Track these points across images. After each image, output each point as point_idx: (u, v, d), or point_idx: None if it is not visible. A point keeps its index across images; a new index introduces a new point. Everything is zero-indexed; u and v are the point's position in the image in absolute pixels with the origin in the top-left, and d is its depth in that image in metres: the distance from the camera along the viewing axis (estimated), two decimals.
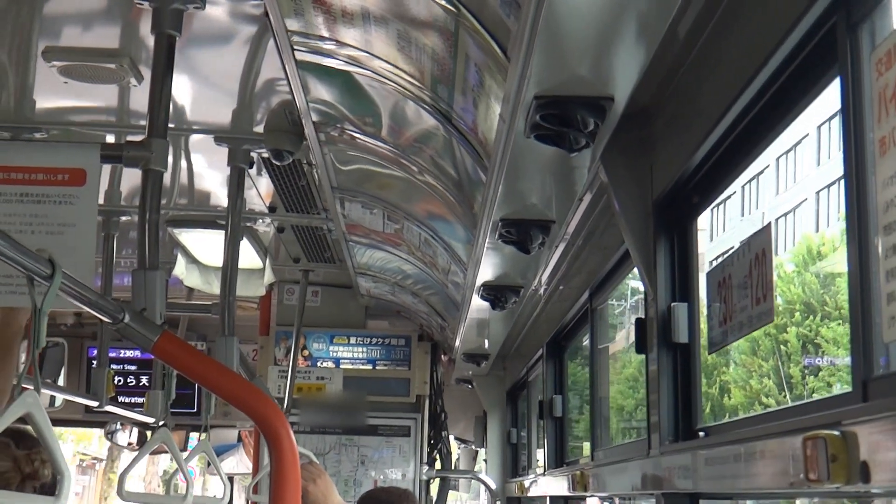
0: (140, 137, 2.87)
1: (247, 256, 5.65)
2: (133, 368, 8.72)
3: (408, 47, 2.85)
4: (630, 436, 5.10)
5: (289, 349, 7.10)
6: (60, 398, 7.16)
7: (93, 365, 7.31)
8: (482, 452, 9.05)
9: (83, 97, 3.83)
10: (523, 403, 7.81)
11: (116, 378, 8.32)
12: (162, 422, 4.61)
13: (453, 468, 8.33)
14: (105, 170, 4.24)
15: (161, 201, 2.86)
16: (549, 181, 3.15)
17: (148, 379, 8.51)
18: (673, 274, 3.01)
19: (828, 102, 2.14)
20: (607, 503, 5.20)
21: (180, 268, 6.00)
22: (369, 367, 7.31)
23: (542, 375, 6.06)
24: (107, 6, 3.17)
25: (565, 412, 5.76)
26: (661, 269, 3.01)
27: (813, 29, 1.99)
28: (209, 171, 4.73)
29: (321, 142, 3.89)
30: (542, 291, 4.91)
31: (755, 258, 2.40)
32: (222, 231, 4.17)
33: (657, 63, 2.40)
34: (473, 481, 10.66)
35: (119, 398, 7.97)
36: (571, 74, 2.35)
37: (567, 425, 5.80)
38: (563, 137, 2.55)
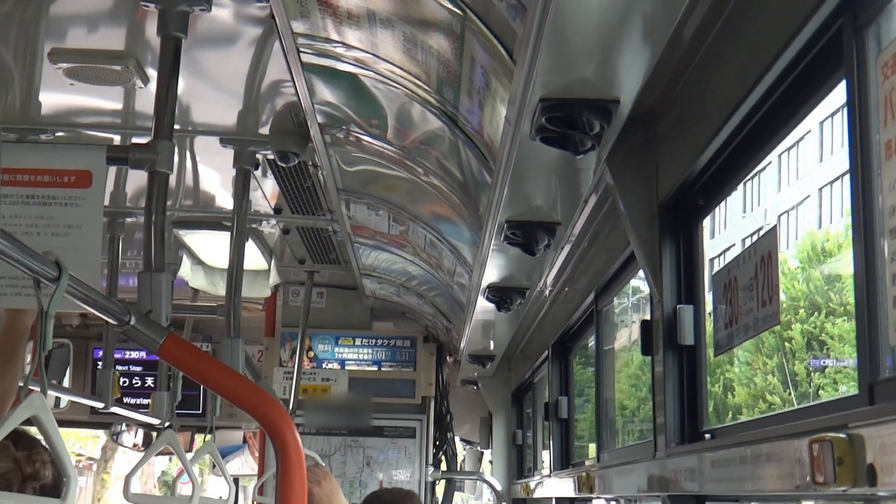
0: (146, 139, 2.87)
1: (252, 258, 5.65)
2: (138, 370, 8.72)
3: (414, 49, 2.85)
4: (633, 435, 5.10)
5: (294, 350, 7.10)
6: (66, 399, 7.16)
7: (98, 366, 7.33)
8: (487, 454, 9.04)
9: (89, 99, 3.83)
10: (529, 405, 7.81)
11: (122, 379, 8.34)
12: (167, 423, 4.61)
13: (459, 469, 8.32)
14: (111, 171, 4.27)
15: (167, 203, 2.85)
16: (555, 183, 3.15)
17: (153, 380, 8.52)
18: (678, 276, 3.01)
19: (830, 99, 2.13)
20: None
21: (186, 269, 6.01)
22: (375, 369, 7.31)
23: (548, 377, 6.06)
24: (113, 8, 3.17)
25: (571, 413, 5.75)
26: (667, 271, 3.01)
27: (819, 31, 1.98)
28: (215, 173, 4.74)
29: (327, 143, 3.90)
30: (548, 293, 4.91)
31: (761, 260, 2.40)
32: (228, 232, 4.17)
33: (662, 65, 2.40)
34: (479, 482, 10.65)
35: (124, 399, 7.98)
36: (577, 77, 2.35)
37: (572, 427, 5.80)
38: (569, 140, 2.55)
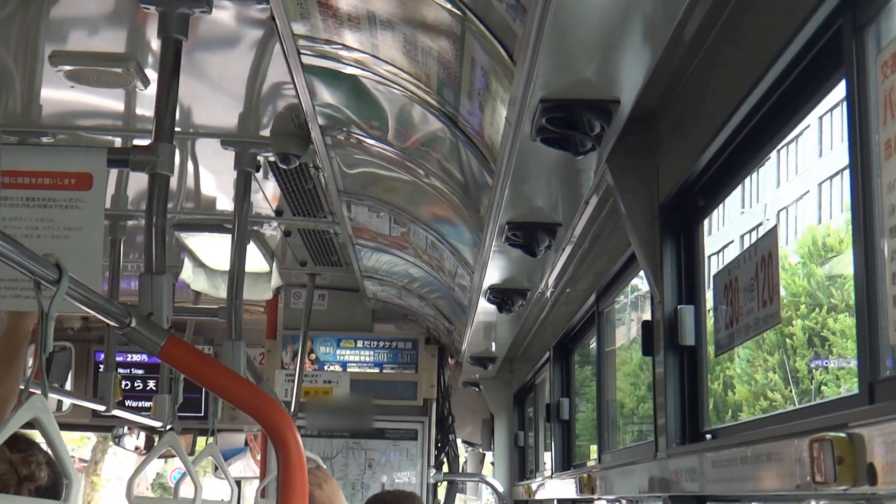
0: (147, 141, 2.87)
1: (253, 260, 5.65)
2: (140, 372, 8.73)
3: (414, 51, 2.86)
4: (632, 435, 5.10)
5: (296, 353, 7.10)
6: (68, 402, 7.16)
7: (100, 369, 7.32)
8: (489, 455, 9.03)
9: (90, 101, 3.83)
10: (530, 406, 7.81)
11: (123, 382, 8.33)
12: (169, 426, 4.62)
13: (460, 471, 8.32)
14: (112, 174, 4.28)
15: (168, 205, 2.85)
16: (556, 184, 3.15)
17: (155, 383, 8.52)
18: (679, 276, 3.01)
19: (829, 93, 2.14)
20: None
21: (187, 272, 6.01)
22: (376, 371, 7.31)
23: (549, 378, 6.06)
24: (113, 10, 3.17)
25: (572, 415, 5.75)
26: (668, 272, 3.01)
27: (819, 31, 1.98)
28: (216, 175, 4.74)
29: (328, 145, 3.90)
30: (549, 294, 4.91)
31: (761, 260, 2.40)
32: (229, 235, 4.17)
33: (663, 66, 2.40)
34: (480, 484, 10.65)
35: (126, 402, 7.98)
36: (577, 78, 2.35)
37: (574, 428, 5.79)
38: (570, 140, 2.55)
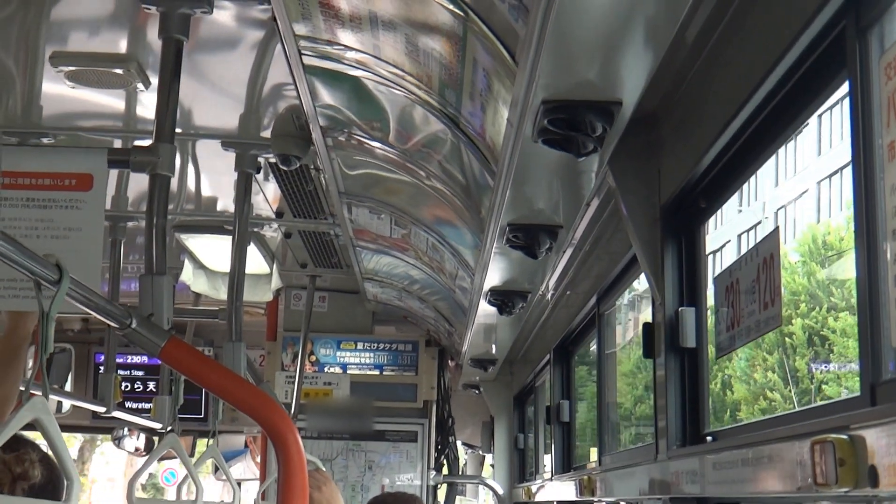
0: (147, 142, 2.87)
1: (254, 262, 5.65)
2: (140, 374, 8.72)
3: (416, 52, 2.85)
4: (629, 433, 5.11)
5: (296, 354, 7.09)
6: (68, 404, 7.16)
7: (100, 370, 7.32)
8: (489, 458, 9.03)
9: (90, 102, 3.83)
10: (530, 408, 7.81)
11: (124, 384, 8.33)
12: (170, 427, 4.61)
13: (460, 473, 8.31)
14: (112, 175, 4.27)
15: (168, 206, 2.85)
16: (557, 186, 3.15)
17: (155, 384, 8.52)
18: (681, 278, 3.00)
19: (832, 96, 2.14)
20: None
21: (187, 273, 6.01)
22: (376, 373, 7.31)
23: (550, 380, 6.06)
24: (114, 11, 3.17)
25: (572, 417, 5.75)
26: (669, 274, 3.01)
27: (822, 33, 1.98)
28: (216, 177, 4.74)
29: (328, 147, 3.89)
30: (550, 296, 4.91)
31: (763, 263, 2.39)
32: (229, 236, 4.17)
33: (665, 67, 2.40)
34: (480, 486, 10.64)
35: (126, 404, 7.98)
36: (579, 79, 2.35)
37: (574, 430, 5.79)
38: (571, 142, 2.55)
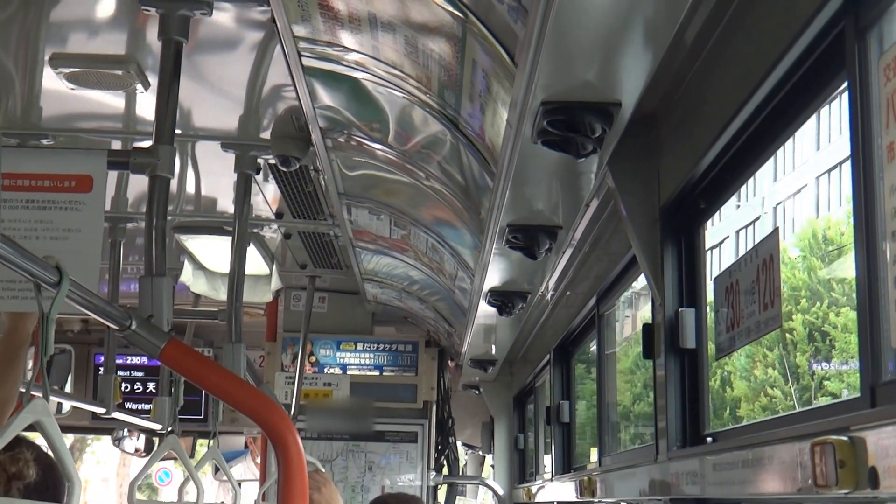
0: (147, 144, 2.87)
1: (253, 262, 5.65)
2: (140, 375, 8.72)
3: (415, 53, 2.85)
4: (629, 431, 5.11)
5: (296, 355, 7.09)
6: (67, 405, 7.15)
7: (100, 371, 7.33)
8: (489, 458, 9.04)
9: (90, 104, 3.83)
10: (530, 409, 7.81)
11: (123, 385, 8.32)
12: (170, 428, 4.61)
13: (460, 474, 8.31)
14: (112, 176, 4.27)
15: (168, 208, 2.85)
16: (556, 187, 3.15)
17: (155, 385, 8.51)
18: (680, 279, 3.01)
19: (831, 97, 2.14)
20: None
21: (187, 274, 6.00)
22: (376, 373, 7.31)
23: (550, 381, 6.06)
24: (114, 13, 3.17)
25: (572, 417, 5.75)
26: (669, 275, 3.01)
27: (821, 34, 1.98)
28: (216, 178, 4.73)
29: (328, 148, 3.89)
30: (549, 297, 4.91)
31: (762, 264, 2.39)
32: (229, 237, 4.17)
33: (664, 68, 2.40)
34: (481, 487, 10.64)
35: (126, 405, 7.97)
36: (579, 80, 2.35)
37: (574, 431, 5.79)
38: (571, 143, 2.55)
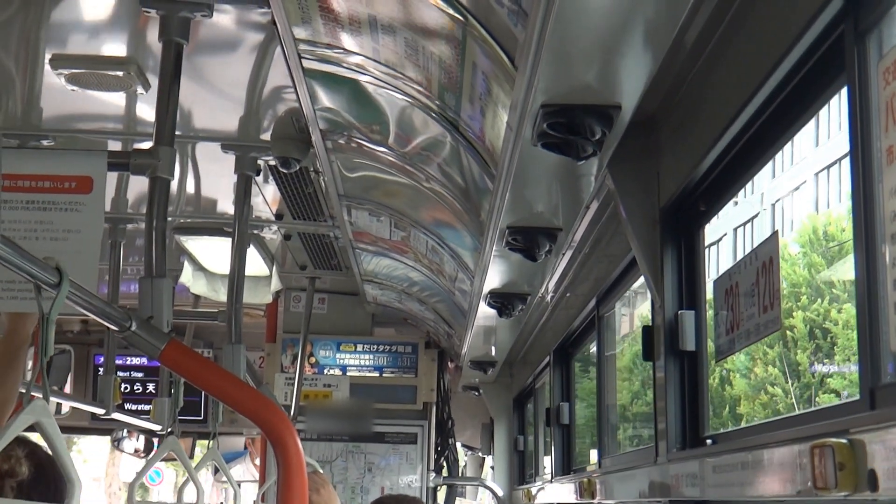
0: (147, 145, 2.87)
1: (253, 264, 5.65)
2: (140, 376, 8.72)
3: (415, 55, 2.85)
4: (627, 432, 5.12)
5: (295, 356, 7.09)
6: (67, 406, 7.15)
7: (99, 372, 7.33)
8: (489, 459, 9.04)
9: (90, 105, 3.83)
10: (530, 410, 7.81)
11: (123, 385, 8.33)
12: (169, 429, 4.61)
13: (460, 475, 8.32)
14: (112, 177, 4.27)
15: (168, 209, 2.85)
16: (556, 189, 3.15)
17: (154, 386, 8.51)
18: (680, 281, 3.01)
19: (830, 100, 2.14)
20: None
21: (187, 275, 6.01)
22: (376, 375, 7.31)
23: (549, 382, 6.06)
24: (114, 14, 3.17)
25: (572, 419, 5.75)
26: (668, 277, 3.01)
27: (820, 37, 1.98)
28: (216, 179, 4.74)
29: (328, 149, 3.90)
30: (549, 299, 4.91)
31: (762, 266, 2.40)
32: (229, 238, 4.18)
33: (664, 71, 2.40)
34: (480, 488, 10.65)
35: (126, 406, 7.98)
36: (579, 83, 2.35)
37: (574, 432, 5.79)
38: (571, 145, 2.55)
